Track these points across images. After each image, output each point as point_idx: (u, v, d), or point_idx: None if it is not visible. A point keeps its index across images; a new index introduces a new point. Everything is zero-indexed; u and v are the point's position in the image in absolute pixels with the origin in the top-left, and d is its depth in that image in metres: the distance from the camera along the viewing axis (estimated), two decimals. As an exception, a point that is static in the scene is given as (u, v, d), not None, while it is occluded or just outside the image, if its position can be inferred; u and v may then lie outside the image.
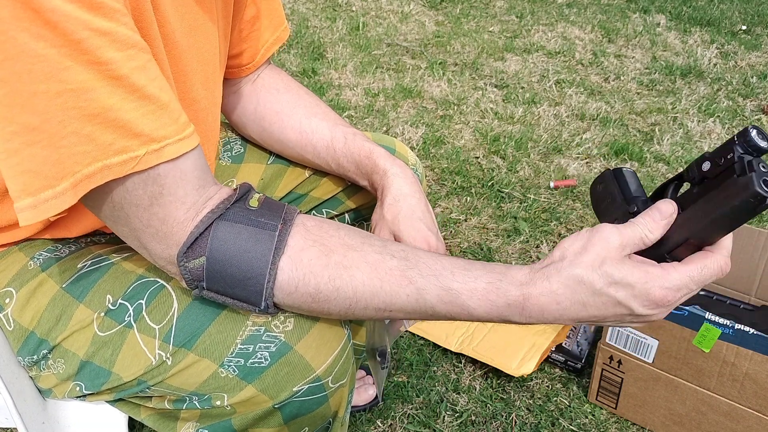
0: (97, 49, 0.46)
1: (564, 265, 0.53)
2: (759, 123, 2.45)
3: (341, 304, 0.57)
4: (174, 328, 0.61)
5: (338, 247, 0.57)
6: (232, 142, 0.96)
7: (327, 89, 2.71)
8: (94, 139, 0.48)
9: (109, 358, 0.63)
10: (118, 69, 0.47)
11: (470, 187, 2.02)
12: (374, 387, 1.28)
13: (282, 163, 0.94)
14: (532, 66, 2.98)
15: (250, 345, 0.59)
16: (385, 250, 0.57)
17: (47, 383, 0.68)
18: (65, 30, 0.44)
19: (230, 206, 0.57)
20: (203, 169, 0.56)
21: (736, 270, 1.35)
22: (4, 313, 0.67)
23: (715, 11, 3.74)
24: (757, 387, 1.06)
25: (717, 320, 1.06)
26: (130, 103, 0.48)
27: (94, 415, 0.73)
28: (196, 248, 0.55)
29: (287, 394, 0.60)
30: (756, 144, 0.52)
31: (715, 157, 0.54)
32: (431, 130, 2.37)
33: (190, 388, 0.61)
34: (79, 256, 0.69)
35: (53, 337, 0.65)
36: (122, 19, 0.48)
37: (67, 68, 0.45)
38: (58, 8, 0.44)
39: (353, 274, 0.56)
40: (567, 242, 0.55)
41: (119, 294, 0.64)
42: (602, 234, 0.53)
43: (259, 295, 0.56)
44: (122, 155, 0.49)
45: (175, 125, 0.52)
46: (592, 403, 1.29)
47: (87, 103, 0.47)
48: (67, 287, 0.66)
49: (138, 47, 0.49)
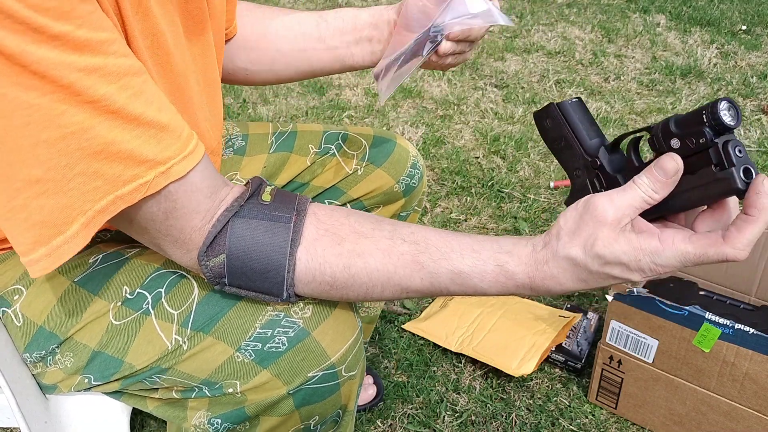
0: (88, 89, 0.46)
1: (559, 247, 0.54)
2: (759, 123, 2.45)
3: (359, 290, 0.59)
4: (193, 313, 0.62)
5: (349, 234, 0.58)
6: (234, 138, 0.97)
7: (327, 89, 2.71)
8: (102, 174, 0.48)
9: (122, 347, 0.64)
10: (114, 103, 0.47)
11: (470, 187, 2.02)
12: (374, 387, 1.28)
13: (284, 152, 0.95)
14: (532, 66, 2.98)
15: (269, 329, 0.60)
16: (395, 234, 0.59)
17: (53, 379, 0.68)
18: (54, 77, 0.44)
19: (244, 203, 0.58)
20: (212, 176, 0.57)
21: (736, 270, 1.36)
22: (13, 309, 0.67)
23: (715, 11, 3.74)
24: (757, 387, 1.06)
25: (717, 320, 1.06)
26: (131, 132, 0.49)
27: (96, 414, 0.73)
28: (216, 247, 0.56)
29: (302, 379, 0.60)
30: (725, 124, 0.48)
31: (684, 136, 0.51)
32: (431, 130, 2.37)
33: (202, 375, 0.62)
34: (89, 253, 0.70)
35: (64, 331, 0.66)
36: (110, 49, 0.48)
37: (63, 112, 0.46)
38: (44, 58, 0.44)
39: (367, 261, 0.57)
40: (563, 218, 0.55)
41: (137, 285, 0.65)
42: (595, 212, 0.52)
43: (280, 286, 0.58)
44: (132, 184, 0.50)
45: (178, 143, 0.52)
46: (592, 403, 1.29)
47: (89, 142, 0.47)
48: (80, 282, 0.67)
49: (131, 73, 0.49)
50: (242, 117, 2.51)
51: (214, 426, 0.64)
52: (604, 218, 0.51)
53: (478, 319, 1.47)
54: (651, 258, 0.51)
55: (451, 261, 0.57)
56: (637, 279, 0.53)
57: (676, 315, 1.09)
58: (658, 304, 1.10)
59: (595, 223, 0.52)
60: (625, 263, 0.51)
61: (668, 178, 0.51)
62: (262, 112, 2.52)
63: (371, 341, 1.44)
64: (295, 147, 0.98)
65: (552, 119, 0.62)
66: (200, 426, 0.64)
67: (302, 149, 0.98)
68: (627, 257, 0.51)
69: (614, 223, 0.51)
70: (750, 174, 0.49)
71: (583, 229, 0.52)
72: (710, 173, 0.49)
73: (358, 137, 0.99)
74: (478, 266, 0.56)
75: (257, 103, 2.60)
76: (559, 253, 0.54)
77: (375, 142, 0.98)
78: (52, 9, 0.44)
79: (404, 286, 0.58)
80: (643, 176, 0.52)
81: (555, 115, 0.61)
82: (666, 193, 0.52)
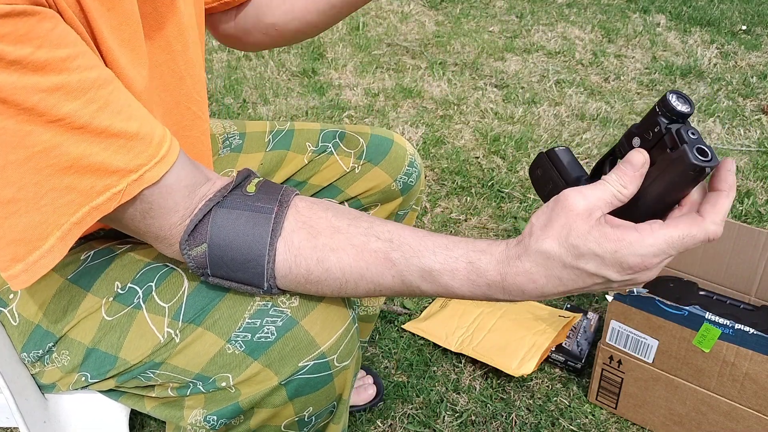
0: (52, 108, 0.46)
1: (531, 242, 0.52)
2: (759, 123, 2.45)
3: (333, 285, 0.59)
4: (184, 305, 0.62)
5: (326, 228, 0.58)
6: (231, 137, 0.97)
7: (327, 89, 2.71)
8: (74, 188, 0.49)
9: (115, 343, 0.64)
10: (79, 118, 0.48)
11: (470, 187, 2.02)
12: (374, 387, 1.28)
13: (281, 149, 0.95)
14: (532, 66, 2.98)
15: (257, 319, 0.60)
16: (370, 231, 0.58)
17: (51, 378, 0.68)
18: (15, 101, 0.45)
19: (228, 194, 0.58)
20: (190, 175, 0.57)
21: (736, 270, 1.36)
22: (9, 308, 0.67)
23: (715, 11, 3.74)
24: (757, 387, 1.06)
25: (717, 320, 1.06)
26: (99, 144, 0.49)
27: (95, 414, 0.73)
28: (197, 235, 0.57)
29: (292, 369, 0.60)
30: (677, 110, 0.50)
31: (642, 132, 0.52)
32: (431, 130, 2.37)
33: (195, 369, 0.62)
34: (81, 250, 0.70)
35: (59, 329, 0.66)
36: (73, 65, 0.47)
37: (29, 133, 0.46)
38: (4, 83, 0.44)
39: (340, 256, 0.57)
40: (534, 216, 0.54)
41: (128, 280, 0.65)
42: (565, 203, 0.51)
43: (261, 277, 0.58)
44: (106, 194, 0.50)
45: (149, 149, 0.52)
46: (592, 403, 1.29)
47: (57, 159, 0.48)
48: (73, 278, 0.67)
49: (95, 86, 0.49)
50: (242, 117, 2.51)
51: (210, 423, 0.64)
52: (575, 208, 0.50)
53: (478, 319, 1.47)
54: (630, 249, 0.49)
55: (422, 258, 0.56)
56: (615, 277, 0.50)
57: (676, 315, 1.09)
58: (658, 304, 1.10)
59: (567, 214, 0.50)
60: (599, 255, 0.49)
61: (636, 170, 0.51)
62: (262, 112, 2.52)
63: (371, 341, 1.44)
64: (292, 145, 0.98)
65: (541, 168, 0.64)
66: (197, 424, 0.64)
67: (299, 147, 0.98)
68: (601, 249, 0.49)
69: (585, 213, 0.50)
70: (705, 153, 0.49)
71: (554, 221, 0.51)
72: (667, 157, 0.50)
73: (355, 135, 0.99)
74: (450, 264, 0.55)
75: (257, 103, 2.60)
76: (531, 248, 0.52)
77: (372, 140, 0.98)
78: (8, 35, 0.44)
79: (376, 283, 0.58)
80: (611, 173, 0.52)
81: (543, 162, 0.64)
82: (635, 187, 0.51)
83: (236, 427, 0.65)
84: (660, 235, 0.49)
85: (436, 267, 0.55)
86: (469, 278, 0.55)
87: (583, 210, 0.50)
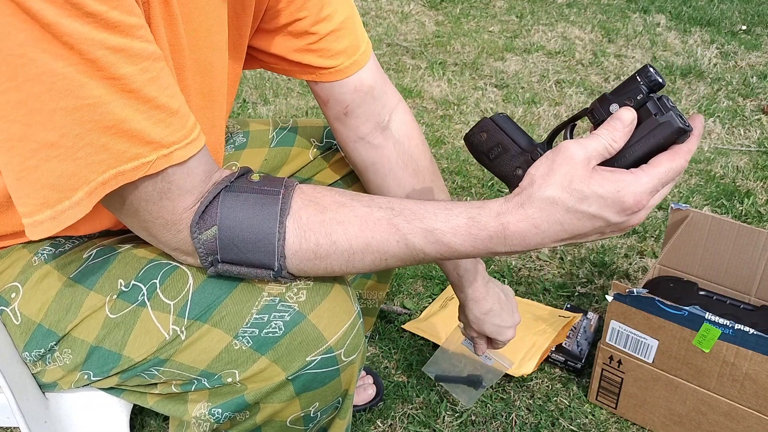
0: (111, 66, 0.49)
1: (534, 189, 0.56)
2: (759, 123, 2.45)
3: (341, 258, 0.60)
4: (189, 302, 0.62)
5: (331, 204, 0.60)
6: (234, 135, 0.98)
7: (327, 89, 2.71)
8: (108, 148, 0.51)
9: (120, 341, 0.64)
10: (132, 83, 0.50)
11: (470, 187, 2.02)
12: (374, 387, 1.28)
13: (285, 146, 0.96)
14: (532, 66, 2.98)
15: (265, 315, 0.61)
16: (372, 203, 0.61)
17: (52, 377, 0.69)
18: (81, 50, 0.47)
19: (234, 180, 0.60)
20: (208, 162, 0.59)
21: (736, 270, 1.36)
22: (11, 307, 0.67)
23: (715, 11, 3.74)
24: (757, 387, 1.06)
25: (717, 320, 1.06)
26: (142, 113, 0.51)
27: (95, 413, 0.73)
28: (207, 218, 0.58)
29: (300, 364, 0.61)
30: (657, 81, 0.56)
31: (623, 99, 0.58)
32: (431, 130, 2.37)
33: (200, 366, 0.62)
34: (83, 248, 0.70)
35: (62, 328, 0.66)
36: (137, 33, 0.50)
37: (84, 85, 0.48)
38: (76, 31, 0.46)
39: (346, 228, 0.59)
40: (533, 168, 0.58)
41: (132, 277, 0.65)
42: (566, 153, 0.56)
43: (272, 256, 0.59)
44: (134, 161, 0.52)
45: (183, 130, 0.54)
46: (592, 403, 1.29)
47: (102, 116, 0.49)
48: (76, 277, 0.67)
49: (152, 58, 0.52)
50: (242, 117, 2.51)
51: (215, 416, 0.64)
52: (576, 157, 0.55)
53: (478, 319, 1.46)
54: (630, 188, 0.54)
55: (425, 220, 0.59)
56: (613, 219, 0.55)
57: (676, 315, 1.09)
58: (658, 305, 1.10)
59: (568, 162, 0.55)
60: (602, 196, 0.54)
61: (625, 126, 0.56)
62: (262, 111, 2.52)
63: (371, 341, 1.44)
64: (296, 141, 0.98)
65: (487, 131, 0.68)
66: (201, 417, 0.64)
67: (304, 143, 0.98)
68: (603, 189, 0.54)
69: (585, 161, 0.55)
70: (683, 118, 0.57)
71: (557, 170, 0.56)
72: (653, 121, 0.57)
73: None
74: (451, 221, 0.58)
75: (257, 103, 2.60)
76: (535, 195, 0.56)
77: None
78: None
79: (382, 251, 0.60)
80: (602, 128, 0.57)
81: (489, 126, 0.69)
82: (623, 142, 0.57)
83: (242, 423, 0.65)
84: (651, 173, 0.55)
85: (438, 226, 0.58)
86: (470, 232, 0.58)
87: (583, 158, 0.55)
